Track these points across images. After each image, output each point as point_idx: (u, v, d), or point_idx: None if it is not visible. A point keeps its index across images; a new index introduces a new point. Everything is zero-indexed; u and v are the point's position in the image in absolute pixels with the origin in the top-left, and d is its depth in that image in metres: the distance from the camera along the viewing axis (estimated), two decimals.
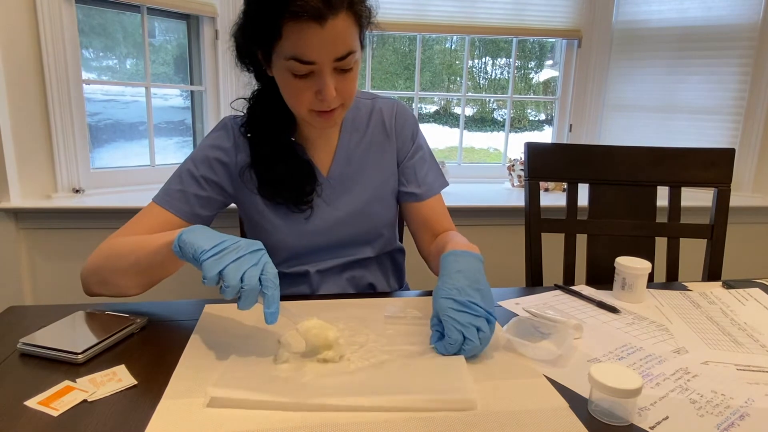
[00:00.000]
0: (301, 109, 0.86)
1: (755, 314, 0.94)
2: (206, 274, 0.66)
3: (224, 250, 0.67)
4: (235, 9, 1.93)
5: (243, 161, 0.97)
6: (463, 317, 0.72)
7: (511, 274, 2.02)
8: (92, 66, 1.82)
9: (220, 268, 0.65)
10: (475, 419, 0.60)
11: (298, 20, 0.76)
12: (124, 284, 0.85)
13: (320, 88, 0.82)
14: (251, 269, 0.66)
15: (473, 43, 2.25)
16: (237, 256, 0.67)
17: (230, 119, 0.99)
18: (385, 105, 1.04)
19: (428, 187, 1.05)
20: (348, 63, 0.82)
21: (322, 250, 1.01)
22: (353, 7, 0.80)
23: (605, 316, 0.92)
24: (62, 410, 0.60)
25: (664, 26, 2.07)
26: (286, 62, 0.80)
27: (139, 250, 0.80)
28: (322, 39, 0.78)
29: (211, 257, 0.66)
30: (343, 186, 1.01)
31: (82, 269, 0.89)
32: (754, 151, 2.04)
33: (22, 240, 1.70)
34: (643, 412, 0.63)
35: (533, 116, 2.48)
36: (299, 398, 0.61)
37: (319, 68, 0.80)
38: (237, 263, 0.66)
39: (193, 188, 0.94)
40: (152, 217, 0.92)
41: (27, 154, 1.65)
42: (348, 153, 1.01)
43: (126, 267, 0.82)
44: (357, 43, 0.83)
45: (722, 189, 1.26)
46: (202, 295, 1.84)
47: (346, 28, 0.79)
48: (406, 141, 1.04)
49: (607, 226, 1.27)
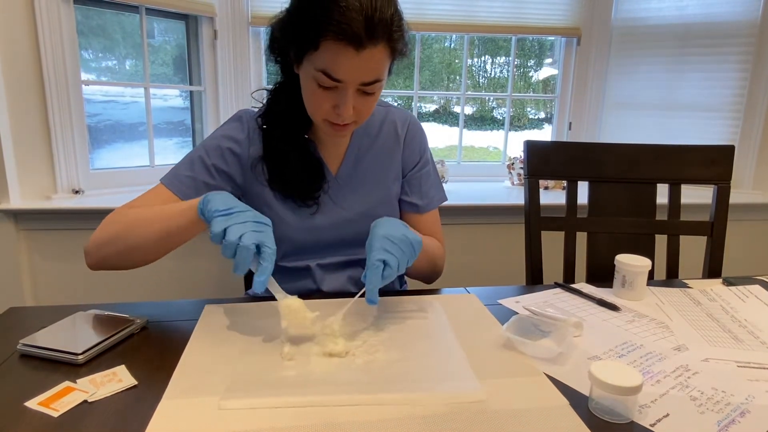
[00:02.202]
0: (316, 116, 0.89)
1: (755, 311, 0.94)
2: (213, 229, 0.72)
3: (234, 214, 0.73)
4: (233, 8, 1.93)
5: (255, 154, 0.98)
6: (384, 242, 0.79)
7: (511, 272, 2.02)
8: (91, 67, 1.82)
9: (226, 226, 0.71)
10: (476, 417, 0.60)
11: (337, 40, 0.78)
12: (145, 251, 0.86)
13: (339, 104, 0.85)
14: (251, 233, 0.71)
15: (472, 42, 2.25)
16: (243, 220, 0.73)
17: (245, 112, 1.02)
18: (399, 116, 1.07)
19: (429, 200, 1.09)
20: (372, 88, 0.85)
21: (325, 246, 1.03)
22: (392, 41, 0.82)
23: (605, 314, 0.92)
24: (62, 411, 0.60)
25: (663, 24, 2.07)
26: (315, 72, 0.82)
27: (164, 217, 0.84)
28: (354, 63, 0.80)
29: (220, 216, 0.73)
30: (350, 186, 1.03)
31: (90, 242, 0.89)
32: (753, 148, 2.04)
33: (22, 241, 1.70)
34: (644, 409, 0.63)
35: (533, 114, 2.48)
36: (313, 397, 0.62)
37: (344, 86, 0.83)
38: (241, 225, 0.72)
39: (203, 176, 0.96)
40: (158, 197, 0.93)
41: (26, 155, 1.65)
42: (357, 155, 1.04)
43: (150, 234, 0.84)
44: (386, 72, 0.86)
45: (722, 186, 1.26)
46: (202, 295, 1.84)
47: (380, 59, 0.82)
48: (414, 152, 1.07)
49: (607, 223, 1.27)
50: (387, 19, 0.79)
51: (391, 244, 0.79)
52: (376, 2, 0.78)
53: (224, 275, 1.86)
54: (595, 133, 2.26)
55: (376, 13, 0.78)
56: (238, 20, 1.94)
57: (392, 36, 0.82)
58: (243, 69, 1.99)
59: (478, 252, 2.00)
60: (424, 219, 1.09)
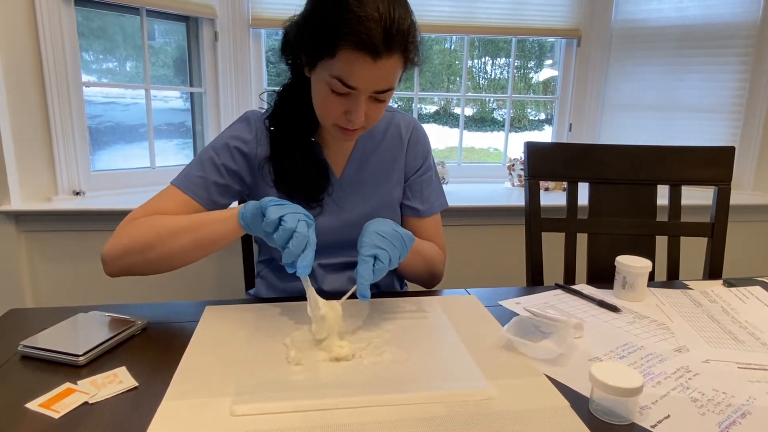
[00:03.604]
0: (326, 120, 0.90)
1: (756, 312, 0.94)
2: (270, 216, 0.74)
3: (285, 205, 0.77)
4: (233, 10, 1.93)
5: (263, 154, 0.99)
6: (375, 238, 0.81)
7: (511, 273, 2.02)
8: (92, 68, 1.82)
9: (282, 214, 0.74)
10: (476, 418, 0.60)
11: (355, 50, 0.78)
12: (180, 260, 0.87)
13: (351, 110, 0.85)
14: (304, 221, 0.75)
15: (472, 43, 2.25)
16: (296, 210, 0.76)
17: (252, 113, 1.03)
18: (404, 120, 1.08)
19: (430, 205, 1.10)
20: (384, 96, 0.86)
21: (327, 247, 1.03)
22: (407, 52, 0.84)
23: (606, 315, 0.92)
24: (63, 412, 0.60)
25: (663, 25, 2.07)
26: (330, 78, 0.83)
27: (201, 224, 0.85)
28: (370, 72, 0.81)
29: (275, 205, 0.76)
30: (354, 189, 1.04)
31: (109, 251, 0.87)
32: (754, 149, 2.04)
33: (23, 242, 1.70)
34: (645, 410, 0.63)
35: (533, 116, 2.48)
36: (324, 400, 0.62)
37: (357, 93, 0.84)
38: (295, 214, 0.75)
39: (214, 176, 0.96)
40: (171, 200, 0.93)
41: (27, 156, 1.66)
42: (362, 158, 1.04)
43: (187, 243, 0.85)
44: (398, 81, 0.87)
45: (722, 187, 1.26)
46: (203, 296, 1.84)
47: (394, 68, 0.83)
48: (417, 157, 1.08)
49: (607, 225, 1.27)
50: (404, 31, 0.80)
51: (381, 239, 0.81)
52: (394, 13, 0.79)
53: (225, 277, 1.86)
54: (596, 135, 2.26)
55: (394, 24, 0.78)
56: (239, 22, 1.95)
57: (408, 47, 0.83)
58: (243, 70, 1.99)
59: (478, 253, 2.00)
60: (425, 224, 1.09)
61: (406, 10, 0.82)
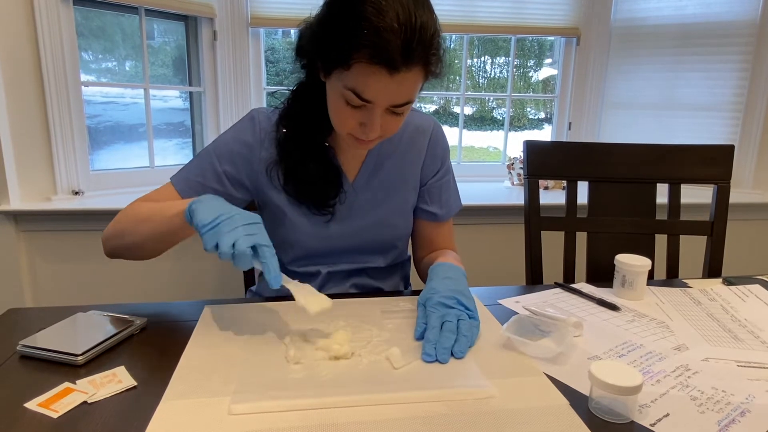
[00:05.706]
0: (341, 129, 0.85)
1: (756, 311, 0.94)
2: (205, 246, 0.71)
3: (220, 224, 0.72)
4: (232, 9, 1.93)
5: (266, 157, 0.95)
6: (445, 309, 0.79)
7: (511, 272, 2.02)
8: (91, 68, 1.82)
9: (216, 240, 0.71)
10: (476, 418, 0.60)
11: (371, 63, 0.73)
12: (141, 249, 0.89)
13: (366, 122, 0.81)
14: (243, 238, 0.71)
15: (472, 42, 2.25)
16: (232, 227, 0.71)
17: (258, 112, 0.97)
18: (423, 121, 1.02)
19: (448, 209, 1.07)
20: (402, 109, 0.82)
21: (337, 253, 1.01)
22: (429, 65, 0.78)
23: (605, 314, 0.92)
24: (62, 412, 0.60)
25: (662, 23, 2.07)
26: (344, 90, 0.78)
27: (157, 218, 0.84)
28: (386, 86, 0.76)
29: (209, 230, 0.71)
30: (367, 194, 1.00)
31: (104, 233, 0.92)
32: (753, 148, 2.04)
33: (22, 242, 1.70)
34: (644, 409, 0.63)
35: (532, 115, 2.48)
36: (323, 398, 0.62)
37: (372, 107, 0.79)
38: (231, 234, 0.71)
39: (213, 183, 0.94)
40: (168, 198, 0.93)
41: (26, 156, 1.65)
42: (377, 162, 1.00)
43: (146, 233, 0.85)
44: (417, 93, 0.82)
45: (722, 186, 1.26)
46: (202, 296, 1.84)
47: (413, 82, 0.78)
48: (436, 160, 1.04)
49: (606, 223, 1.27)
50: (426, 42, 0.75)
51: (458, 303, 0.80)
52: (416, 22, 0.72)
53: (224, 276, 1.86)
54: (595, 133, 2.26)
55: (415, 35, 0.72)
56: (238, 21, 1.94)
57: (429, 59, 0.77)
58: (242, 70, 1.99)
59: (477, 252, 2.00)
60: (441, 228, 1.07)
61: (430, 16, 0.75)
